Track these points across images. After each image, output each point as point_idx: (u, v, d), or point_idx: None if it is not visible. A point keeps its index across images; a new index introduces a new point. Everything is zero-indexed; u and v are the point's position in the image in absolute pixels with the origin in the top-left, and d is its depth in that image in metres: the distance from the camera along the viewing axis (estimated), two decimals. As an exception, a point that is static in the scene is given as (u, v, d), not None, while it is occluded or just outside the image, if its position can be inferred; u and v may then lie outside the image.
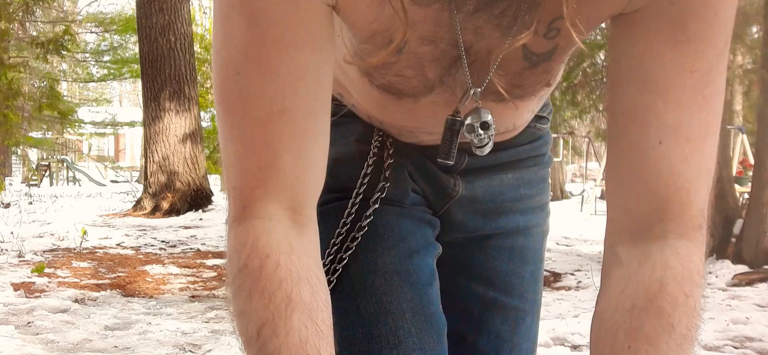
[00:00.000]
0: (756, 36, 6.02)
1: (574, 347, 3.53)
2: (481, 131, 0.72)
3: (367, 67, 0.73)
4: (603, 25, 0.70)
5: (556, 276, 5.46)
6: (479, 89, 0.71)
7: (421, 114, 0.79)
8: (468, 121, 0.72)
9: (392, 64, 0.71)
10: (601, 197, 11.76)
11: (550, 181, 1.04)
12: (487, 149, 0.74)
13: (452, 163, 0.74)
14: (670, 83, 0.63)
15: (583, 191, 12.82)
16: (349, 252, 0.87)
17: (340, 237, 0.88)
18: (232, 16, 0.64)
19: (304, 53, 0.64)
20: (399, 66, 0.71)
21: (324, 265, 0.87)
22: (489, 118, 0.72)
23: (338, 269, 0.87)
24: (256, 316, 0.64)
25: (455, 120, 0.72)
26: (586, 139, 13.81)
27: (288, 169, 0.66)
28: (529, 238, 0.99)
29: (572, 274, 5.55)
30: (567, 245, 7.17)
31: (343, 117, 0.89)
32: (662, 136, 0.64)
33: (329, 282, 0.86)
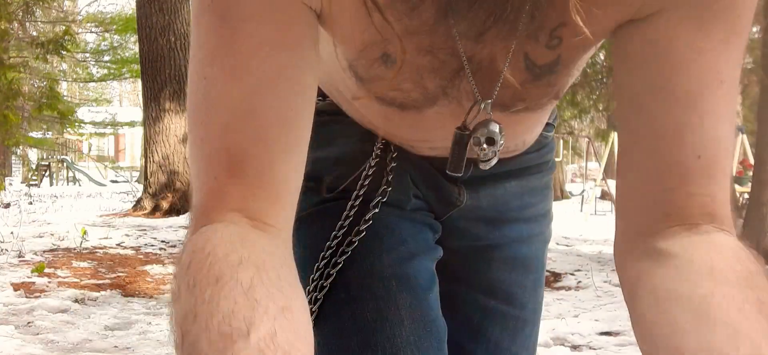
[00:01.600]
0: (756, 36, 6.03)
1: (574, 347, 3.53)
2: (485, 146, 0.68)
3: (365, 82, 0.69)
4: None
5: (556, 276, 5.46)
6: (489, 101, 0.66)
7: (427, 126, 0.75)
8: (475, 134, 0.68)
9: (389, 78, 0.67)
10: (602, 197, 11.76)
11: (552, 186, 1.02)
12: (492, 163, 0.70)
13: (461, 175, 0.71)
14: (701, 95, 0.58)
15: (583, 190, 12.82)
16: (345, 256, 0.82)
17: (337, 240, 0.83)
18: (204, 16, 0.59)
19: (278, 54, 0.59)
20: (396, 80, 0.67)
21: (318, 269, 0.83)
22: (496, 132, 0.67)
23: (332, 274, 0.82)
24: (179, 312, 0.52)
25: (463, 134, 0.68)
26: (586, 139, 13.81)
27: (255, 178, 0.59)
28: (531, 246, 0.97)
29: (572, 274, 5.55)
30: (567, 245, 7.16)
31: (345, 115, 0.85)
32: (701, 149, 0.59)
33: (322, 287, 0.82)
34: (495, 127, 0.67)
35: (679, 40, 0.58)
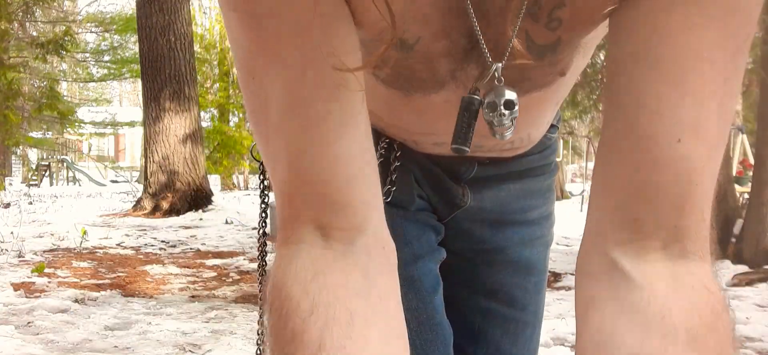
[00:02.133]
0: (756, 35, 6.03)
1: (575, 347, 3.53)
2: (505, 111, 0.61)
3: (378, 63, 0.67)
4: None
5: (556, 276, 5.46)
6: (500, 64, 0.61)
7: (432, 115, 0.73)
8: (489, 98, 0.61)
9: (402, 59, 0.65)
10: (601, 197, 11.76)
11: (554, 188, 1.01)
12: (509, 134, 0.62)
13: (469, 150, 0.63)
14: (685, 72, 0.54)
15: (583, 190, 12.83)
16: None
17: None
18: (231, 16, 0.59)
19: (310, 38, 0.57)
20: (409, 61, 0.66)
21: None
22: (514, 96, 0.60)
23: None
24: None
25: (473, 99, 0.62)
26: (586, 139, 13.82)
27: (313, 173, 0.59)
28: (533, 249, 0.97)
29: (572, 274, 5.54)
30: (567, 245, 7.16)
31: None
32: (681, 132, 0.54)
33: None
34: (510, 93, 0.61)
35: (673, 13, 0.55)
